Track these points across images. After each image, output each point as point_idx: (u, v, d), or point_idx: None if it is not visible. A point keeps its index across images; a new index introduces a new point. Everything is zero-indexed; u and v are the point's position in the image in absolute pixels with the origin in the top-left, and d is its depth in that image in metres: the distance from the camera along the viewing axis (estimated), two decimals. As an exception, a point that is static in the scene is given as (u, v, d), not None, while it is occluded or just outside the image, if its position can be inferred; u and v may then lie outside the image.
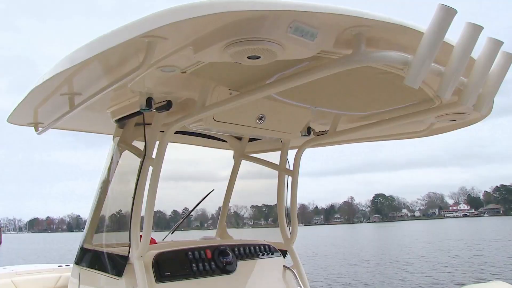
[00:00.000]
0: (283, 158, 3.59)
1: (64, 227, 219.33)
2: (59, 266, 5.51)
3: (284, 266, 3.32)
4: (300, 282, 3.27)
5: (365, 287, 18.40)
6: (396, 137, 3.44)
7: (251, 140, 3.89)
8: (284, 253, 3.50)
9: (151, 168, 2.59)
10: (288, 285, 3.23)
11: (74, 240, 3.23)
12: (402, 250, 35.51)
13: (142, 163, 2.61)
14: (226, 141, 3.89)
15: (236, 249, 3.12)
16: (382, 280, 19.91)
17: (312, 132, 3.28)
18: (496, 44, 1.85)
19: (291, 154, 3.59)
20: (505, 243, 36.11)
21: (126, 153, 3.04)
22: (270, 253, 3.31)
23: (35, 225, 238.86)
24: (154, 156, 2.62)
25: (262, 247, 3.29)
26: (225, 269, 2.92)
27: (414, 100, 2.64)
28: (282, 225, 3.59)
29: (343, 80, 2.32)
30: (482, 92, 2.03)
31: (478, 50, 1.88)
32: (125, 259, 2.63)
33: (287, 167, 3.58)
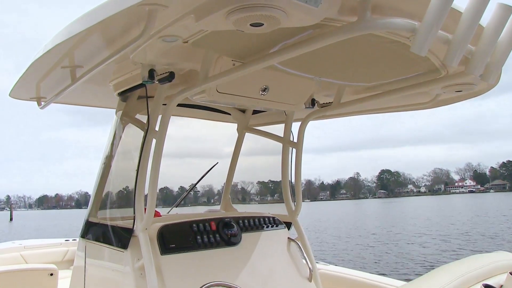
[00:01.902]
0: (287, 130, 3.56)
1: (73, 203, 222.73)
2: (66, 240, 5.61)
3: (288, 238, 3.34)
4: (305, 254, 3.29)
5: (368, 258, 18.73)
6: (401, 109, 3.40)
7: (254, 112, 3.86)
8: (288, 225, 3.51)
9: (154, 140, 2.58)
10: (292, 256, 3.25)
11: (83, 217, 3.27)
12: (406, 224, 36.05)
13: (145, 135, 2.60)
14: (229, 114, 3.86)
15: (240, 221, 3.12)
16: (386, 252, 20.24)
17: (316, 104, 3.24)
18: (507, 11, 1.79)
19: (295, 127, 3.58)
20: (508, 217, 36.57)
21: (129, 126, 3.03)
22: (275, 225, 3.32)
23: (45, 202, 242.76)
24: (157, 128, 2.61)
25: (266, 219, 3.29)
26: (230, 241, 2.94)
27: (420, 71, 2.60)
28: (286, 197, 3.59)
29: (348, 50, 2.27)
30: (490, 61, 1.98)
31: (488, 17, 1.83)
32: (130, 231, 2.64)
33: (291, 139, 3.57)
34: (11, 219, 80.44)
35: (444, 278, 1.83)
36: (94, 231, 3.07)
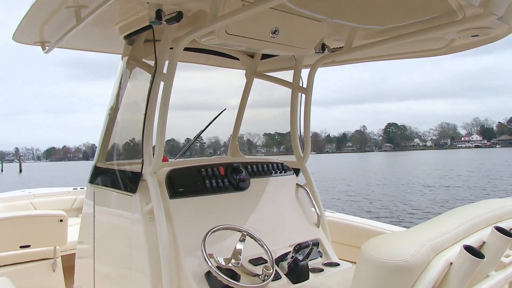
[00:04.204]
0: (297, 75, 3.49)
1: (80, 155, 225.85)
2: (74, 189, 5.70)
3: (296, 184, 3.34)
4: (313, 200, 3.30)
5: (372, 206, 19.28)
6: (413, 55, 3.30)
7: (263, 58, 3.78)
8: (296, 171, 3.51)
9: (162, 84, 2.53)
10: (300, 202, 3.26)
11: (90, 167, 3.26)
12: (409, 175, 36.92)
13: (153, 78, 2.54)
14: (238, 59, 3.78)
15: (249, 167, 3.11)
16: (392, 202, 20.80)
17: (326, 48, 3.15)
18: None
19: (304, 74, 3.50)
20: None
21: (136, 71, 2.98)
22: (283, 171, 3.31)
23: (52, 154, 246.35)
24: (165, 71, 2.55)
25: (275, 165, 3.29)
26: (238, 186, 2.94)
27: (436, 13, 2.49)
28: (295, 143, 3.56)
29: None
30: None
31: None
32: (138, 175, 2.64)
33: (301, 85, 3.50)
34: (20, 171, 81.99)
35: (453, 221, 1.83)
36: (102, 176, 3.08)
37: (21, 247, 3.70)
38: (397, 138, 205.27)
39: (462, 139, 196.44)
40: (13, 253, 3.74)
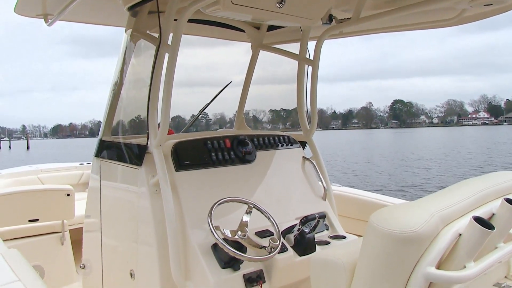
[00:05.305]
0: (303, 47, 3.42)
1: (87, 132, 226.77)
2: (80, 164, 5.73)
3: (303, 157, 3.32)
4: (319, 173, 3.28)
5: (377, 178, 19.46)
6: (422, 26, 3.22)
7: (269, 29, 3.71)
8: (303, 144, 3.49)
9: (167, 56, 2.49)
10: (307, 175, 3.25)
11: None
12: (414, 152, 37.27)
13: (157, 50, 2.50)
14: (243, 31, 3.72)
15: (255, 140, 3.09)
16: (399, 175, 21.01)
17: (334, 19, 3.08)
18: None
19: (310, 47, 3.44)
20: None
21: (141, 43, 2.94)
22: (290, 144, 3.29)
23: (59, 131, 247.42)
24: (169, 43, 2.51)
25: (281, 138, 3.26)
26: (245, 158, 2.92)
27: None
28: (301, 116, 3.52)
29: None
30: None
31: None
32: (144, 148, 2.62)
33: (307, 57, 3.45)
34: (28, 148, 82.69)
35: (463, 193, 1.81)
36: (108, 150, 3.07)
37: (30, 221, 3.74)
38: (403, 115, 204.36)
39: (469, 116, 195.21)
40: (22, 227, 3.79)
